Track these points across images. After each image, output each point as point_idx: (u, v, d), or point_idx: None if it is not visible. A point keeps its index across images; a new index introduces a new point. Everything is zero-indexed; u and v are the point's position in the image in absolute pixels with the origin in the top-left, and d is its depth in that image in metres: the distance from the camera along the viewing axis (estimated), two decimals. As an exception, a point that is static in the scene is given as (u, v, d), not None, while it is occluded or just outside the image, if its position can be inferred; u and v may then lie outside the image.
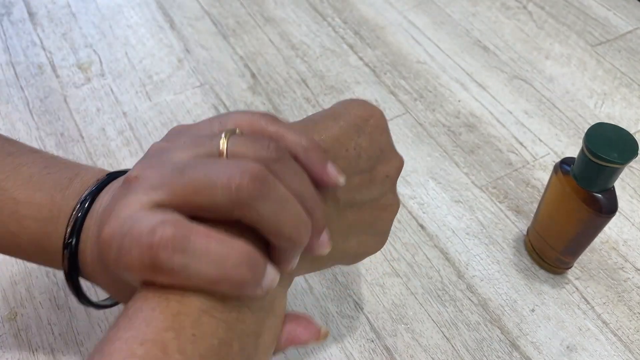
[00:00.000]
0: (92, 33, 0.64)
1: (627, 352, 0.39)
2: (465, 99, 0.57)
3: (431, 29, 0.64)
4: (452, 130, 0.54)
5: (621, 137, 0.34)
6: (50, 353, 0.39)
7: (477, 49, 0.62)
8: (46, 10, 0.67)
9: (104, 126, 0.54)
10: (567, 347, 0.40)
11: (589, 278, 0.43)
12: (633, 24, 0.64)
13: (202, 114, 0.55)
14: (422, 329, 0.41)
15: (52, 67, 0.60)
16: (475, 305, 0.42)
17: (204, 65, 0.60)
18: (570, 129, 0.54)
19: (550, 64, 0.60)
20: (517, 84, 0.58)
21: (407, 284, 0.43)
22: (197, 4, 0.68)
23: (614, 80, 0.58)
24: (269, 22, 0.65)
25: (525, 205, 0.48)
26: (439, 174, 0.50)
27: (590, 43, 0.62)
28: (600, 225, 0.38)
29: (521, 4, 0.67)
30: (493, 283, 0.43)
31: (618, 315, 0.41)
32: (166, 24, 0.65)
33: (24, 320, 0.41)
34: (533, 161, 0.51)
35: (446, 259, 0.45)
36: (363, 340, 0.40)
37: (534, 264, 0.44)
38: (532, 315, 0.41)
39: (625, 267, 0.44)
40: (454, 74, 0.59)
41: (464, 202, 0.48)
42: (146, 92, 0.58)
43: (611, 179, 0.35)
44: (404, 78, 0.59)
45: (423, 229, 0.46)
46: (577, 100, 0.56)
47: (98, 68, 0.60)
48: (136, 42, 0.63)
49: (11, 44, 0.62)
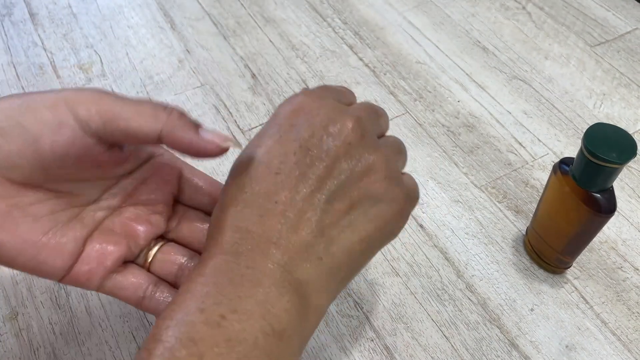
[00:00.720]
0: (93, 33, 0.64)
1: (625, 351, 0.40)
2: (465, 99, 0.57)
3: (431, 30, 0.64)
4: (452, 131, 0.54)
5: (620, 137, 0.34)
6: (51, 352, 0.39)
7: (477, 50, 0.62)
8: (47, 11, 0.67)
9: (104, 126, 0.54)
10: (566, 346, 0.40)
11: (588, 278, 0.43)
12: (632, 25, 0.65)
13: (203, 114, 0.55)
14: (422, 328, 0.41)
15: (53, 68, 0.60)
16: (474, 305, 0.42)
17: (204, 65, 0.60)
18: (569, 129, 0.54)
19: (549, 64, 0.60)
20: (516, 84, 0.58)
21: (406, 283, 0.43)
22: (198, 5, 0.68)
23: (613, 81, 0.58)
24: (269, 22, 0.65)
25: (524, 205, 0.48)
26: (439, 174, 0.50)
27: (589, 43, 0.62)
28: (599, 225, 0.38)
29: (520, 5, 0.67)
30: (492, 282, 0.43)
31: (617, 315, 0.41)
32: (167, 25, 0.65)
33: (25, 319, 0.41)
34: (532, 161, 0.51)
35: (445, 258, 0.45)
36: (363, 339, 0.40)
37: (533, 264, 0.44)
38: (531, 315, 0.41)
39: (624, 267, 0.44)
40: (454, 74, 0.59)
41: (463, 202, 0.48)
42: (147, 92, 0.58)
43: (610, 179, 0.35)
44: (403, 78, 0.59)
45: (422, 229, 0.47)
46: (576, 101, 0.57)
47: (99, 68, 0.60)
48: (137, 43, 0.63)
49: (12, 44, 0.62)
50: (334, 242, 0.28)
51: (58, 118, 0.25)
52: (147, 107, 0.26)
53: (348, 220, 0.28)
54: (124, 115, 0.26)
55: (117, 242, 0.29)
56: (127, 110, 0.26)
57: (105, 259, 0.29)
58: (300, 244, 0.27)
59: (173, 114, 0.26)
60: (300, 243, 0.27)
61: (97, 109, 0.25)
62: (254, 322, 0.24)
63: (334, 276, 0.28)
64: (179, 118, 0.26)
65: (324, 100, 0.30)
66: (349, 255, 0.28)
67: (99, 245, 0.29)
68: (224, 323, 0.23)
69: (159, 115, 0.26)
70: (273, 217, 0.27)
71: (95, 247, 0.29)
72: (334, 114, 0.29)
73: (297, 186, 0.27)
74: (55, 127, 0.25)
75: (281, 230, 0.26)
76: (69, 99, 0.25)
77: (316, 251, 0.27)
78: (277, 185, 0.27)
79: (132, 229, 0.30)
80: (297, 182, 0.27)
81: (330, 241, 0.27)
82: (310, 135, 0.28)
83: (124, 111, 0.26)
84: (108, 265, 0.29)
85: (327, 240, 0.27)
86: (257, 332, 0.24)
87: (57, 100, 0.25)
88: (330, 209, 0.28)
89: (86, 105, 0.25)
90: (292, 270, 0.26)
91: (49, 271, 0.27)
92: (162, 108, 0.27)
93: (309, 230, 0.27)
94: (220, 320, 0.23)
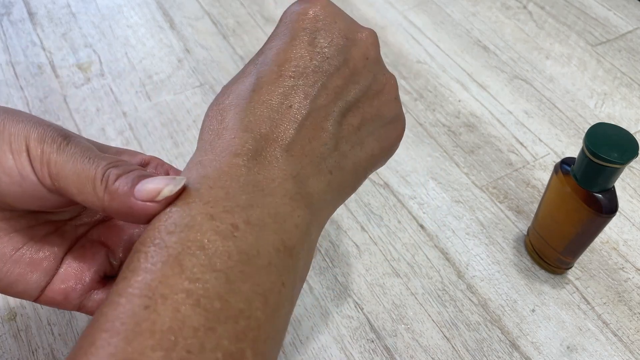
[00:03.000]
0: (92, 33, 0.64)
1: (627, 352, 0.39)
2: (466, 99, 0.57)
3: (431, 29, 0.64)
4: (452, 130, 0.54)
5: (621, 137, 0.34)
6: (50, 353, 0.39)
7: (477, 49, 0.62)
8: (46, 10, 0.66)
9: (103, 126, 0.54)
10: (567, 347, 0.40)
11: (589, 278, 0.43)
12: (633, 24, 0.64)
13: (202, 114, 0.55)
14: (422, 329, 0.41)
15: (52, 67, 0.60)
16: (475, 306, 0.42)
17: (203, 65, 0.60)
18: (571, 129, 0.54)
19: (550, 63, 0.60)
20: (517, 83, 0.58)
21: (407, 284, 0.43)
22: (197, 4, 0.68)
23: (614, 80, 0.58)
24: (269, 22, 0.65)
25: (525, 206, 0.48)
26: (439, 174, 0.50)
27: (590, 43, 0.62)
28: (600, 225, 0.38)
29: (521, 4, 0.67)
30: (493, 283, 0.43)
31: (618, 316, 0.41)
32: (166, 24, 0.65)
33: (24, 320, 0.41)
34: (533, 161, 0.51)
35: (446, 259, 0.44)
36: (363, 340, 0.40)
37: (534, 264, 0.44)
38: (532, 316, 0.41)
39: (626, 267, 0.44)
40: (454, 73, 0.59)
41: (464, 202, 0.48)
42: (146, 92, 0.57)
43: (611, 179, 0.35)
44: (404, 78, 0.59)
45: (423, 229, 0.46)
46: (578, 100, 0.56)
47: (98, 68, 0.60)
48: (136, 42, 0.63)
49: (11, 43, 0.62)
50: (345, 157, 0.26)
51: (20, 170, 0.23)
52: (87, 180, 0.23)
53: (358, 137, 0.27)
54: (70, 186, 0.23)
55: (94, 256, 0.27)
56: (71, 180, 0.23)
57: (82, 275, 0.27)
58: (314, 155, 0.25)
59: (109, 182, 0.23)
60: (314, 153, 0.25)
61: (49, 173, 0.23)
62: (268, 235, 0.22)
63: (339, 192, 0.27)
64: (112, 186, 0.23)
65: (338, 8, 0.28)
66: (355, 172, 0.27)
67: (75, 262, 0.27)
68: (237, 234, 0.21)
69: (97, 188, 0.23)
70: (287, 122, 0.24)
71: (72, 264, 0.27)
72: (353, 25, 0.27)
73: (314, 93, 0.25)
74: (17, 179, 0.23)
75: (295, 138, 0.24)
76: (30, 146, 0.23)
77: (328, 164, 0.25)
78: (291, 89, 0.25)
79: (111, 241, 0.28)
80: (314, 89, 0.25)
81: (342, 156, 0.26)
82: (330, 43, 0.26)
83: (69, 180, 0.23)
84: (87, 281, 0.27)
85: (339, 155, 0.26)
86: (270, 248, 0.22)
87: (20, 144, 0.23)
88: (344, 123, 0.26)
89: (41, 159, 0.23)
90: (304, 182, 0.24)
91: (21, 290, 0.25)
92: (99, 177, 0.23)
93: (323, 142, 0.25)
94: (233, 230, 0.21)
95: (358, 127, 0.27)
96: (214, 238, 0.20)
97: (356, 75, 0.27)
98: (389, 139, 0.29)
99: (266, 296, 0.21)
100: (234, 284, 0.20)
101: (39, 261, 0.26)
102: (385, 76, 0.28)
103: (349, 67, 0.26)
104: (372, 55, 0.27)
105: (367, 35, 0.27)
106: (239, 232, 0.21)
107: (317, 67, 0.26)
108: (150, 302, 0.19)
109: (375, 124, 0.28)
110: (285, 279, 0.22)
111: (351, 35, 0.27)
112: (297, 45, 0.26)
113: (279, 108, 0.25)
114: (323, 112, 0.25)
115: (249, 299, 0.20)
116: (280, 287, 0.21)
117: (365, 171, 0.28)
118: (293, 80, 0.25)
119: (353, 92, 0.26)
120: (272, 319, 0.21)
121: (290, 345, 0.40)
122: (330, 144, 0.25)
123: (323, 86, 0.25)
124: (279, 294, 0.21)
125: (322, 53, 0.26)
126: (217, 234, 0.21)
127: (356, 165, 0.27)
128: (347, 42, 0.27)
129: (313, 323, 0.41)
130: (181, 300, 0.19)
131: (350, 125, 0.26)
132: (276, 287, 0.21)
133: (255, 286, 0.20)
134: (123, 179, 0.23)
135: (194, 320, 0.18)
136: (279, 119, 0.24)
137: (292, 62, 0.26)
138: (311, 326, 0.41)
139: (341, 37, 0.26)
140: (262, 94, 0.25)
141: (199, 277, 0.19)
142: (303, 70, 0.25)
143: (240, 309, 0.20)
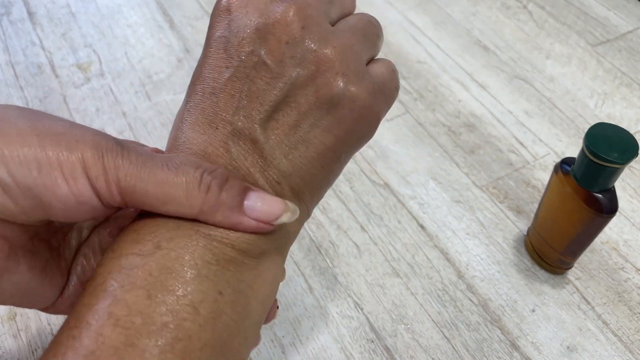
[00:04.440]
0: (91, 33, 0.64)
1: (627, 352, 0.39)
2: (466, 99, 0.57)
3: (431, 29, 0.64)
4: (453, 130, 0.54)
5: (621, 137, 0.34)
6: (49, 353, 0.39)
7: (478, 49, 0.62)
8: (45, 10, 0.66)
9: (103, 126, 0.54)
10: (567, 347, 0.40)
11: (589, 278, 0.43)
12: (633, 24, 0.64)
13: (202, 114, 0.55)
14: (422, 329, 0.41)
15: (52, 67, 0.60)
16: (475, 306, 0.42)
17: (203, 65, 0.60)
18: (571, 129, 0.54)
19: (550, 63, 0.60)
20: (517, 83, 0.58)
21: (407, 284, 0.43)
22: (197, 4, 0.68)
23: (615, 80, 0.58)
24: (269, 21, 0.65)
25: (525, 206, 0.48)
26: (439, 174, 0.50)
27: (590, 43, 0.62)
28: (600, 225, 0.38)
29: (521, 4, 0.67)
30: (493, 283, 0.43)
31: (618, 316, 0.41)
32: (166, 24, 0.65)
33: (23, 320, 0.41)
34: (533, 161, 0.51)
35: (446, 259, 0.44)
36: (363, 340, 0.40)
37: (534, 264, 0.44)
38: (532, 316, 0.41)
39: (626, 268, 0.44)
40: (454, 73, 0.59)
41: (464, 202, 0.48)
42: (146, 92, 0.57)
43: (611, 179, 0.35)
44: (404, 78, 0.59)
45: (423, 229, 0.46)
46: (578, 100, 0.56)
47: (97, 68, 0.60)
48: (136, 42, 0.63)
49: (10, 43, 0.62)
50: (285, 164, 0.24)
51: (77, 196, 0.21)
52: (177, 188, 0.22)
53: (299, 136, 0.24)
54: (150, 197, 0.22)
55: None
56: (152, 191, 0.21)
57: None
58: (254, 170, 0.24)
59: (211, 192, 0.22)
60: (254, 168, 0.24)
61: (118, 189, 0.21)
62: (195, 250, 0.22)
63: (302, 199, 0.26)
64: (218, 197, 0.22)
65: None
66: (309, 172, 0.25)
67: (79, 267, 0.27)
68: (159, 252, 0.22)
69: (193, 197, 0.22)
70: (217, 142, 0.24)
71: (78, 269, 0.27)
72: (264, 8, 0.24)
73: (233, 105, 0.24)
74: (73, 205, 0.21)
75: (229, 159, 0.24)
76: (88, 165, 0.21)
77: (267, 177, 0.24)
78: (214, 107, 0.24)
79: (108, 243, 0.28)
80: (232, 100, 0.24)
81: (279, 164, 0.24)
82: (241, 41, 0.24)
83: (150, 191, 0.21)
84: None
85: (276, 164, 0.24)
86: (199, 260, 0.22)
87: (73, 167, 0.20)
88: (275, 127, 0.24)
89: (105, 177, 0.21)
90: None
91: (37, 300, 0.25)
92: (196, 185, 0.22)
93: (258, 156, 0.24)
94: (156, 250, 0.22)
95: (294, 126, 0.24)
96: (136, 259, 0.21)
97: (277, 67, 0.24)
98: (343, 125, 0.25)
99: (195, 307, 0.21)
100: (155, 298, 0.21)
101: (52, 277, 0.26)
102: (316, 54, 0.24)
103: (265, 62, 0.24)
104: (293, 35, 0.24)
105: (284, 13, 0.24)
106: (161, 250, 0.22)
107: (232, 75, 0.24)
108: (77, 331, 0.20)
109: (315, 115, 0.24)
110: (222, 287, 0.22)
111: (264, 20, 0.24)
112: (212, 55, 0.25)
113: (208, 130, 0.24)
114: (248, 123, 0.24)
115: (174, 311, 0.21)
116: (216, 296, 0.22)
117: (326, 165, 0.25)
118: (213, 97, 0.24)
119: (277, 90, 0.24)
120: (208, 327, 0.21)
121: (290, 345, 0.40)
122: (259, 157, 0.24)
123: (240, 94, 0.24)
124: (215, 302, 0.22)
125: (237, 56, 0.24)
126: (139, 255, 0.22)
127: (306, 165, 0.25)
128: (260, 32, 0.24)
129: (313, 323, 0.41)
130: (103, 323, 0.20)
131: (284, 126, 0.24)
132: (210, 296, 0.22)
133: (182, 298, 0.21)
134: (229, 190, 0.22)
135: (113, 340, 0.20)
136: (209, 140, 0.24)
137: (208, 77, 0.24)
138: (311, 326, 0.41)
139: (253, 27, 0.24)
140: (191, 114, 0.25)
141: (120, 298, 0.20)
142: (222, 84, 0.24)
143: (164, 322, 0.20)
